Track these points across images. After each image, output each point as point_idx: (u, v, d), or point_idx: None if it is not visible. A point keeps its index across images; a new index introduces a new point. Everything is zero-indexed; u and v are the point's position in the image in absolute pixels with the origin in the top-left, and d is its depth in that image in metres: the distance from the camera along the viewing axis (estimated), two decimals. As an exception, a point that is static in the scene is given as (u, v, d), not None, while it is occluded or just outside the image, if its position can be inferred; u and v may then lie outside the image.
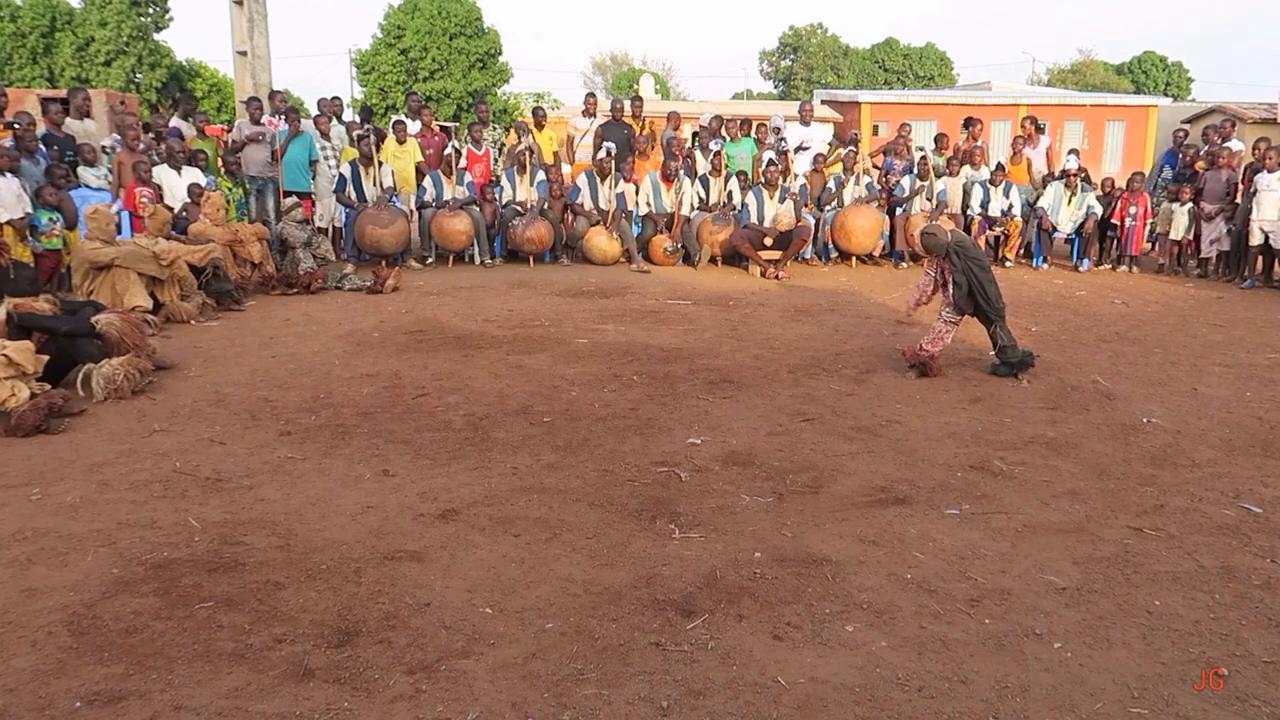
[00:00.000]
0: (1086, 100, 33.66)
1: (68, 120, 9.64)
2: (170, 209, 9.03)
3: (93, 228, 7.55)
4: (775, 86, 59.16)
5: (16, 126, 8.92)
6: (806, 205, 11.18)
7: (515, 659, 2.86)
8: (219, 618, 3.07)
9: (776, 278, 10.13)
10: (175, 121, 10.94)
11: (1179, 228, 10.89)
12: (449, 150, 11.18)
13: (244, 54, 12.83)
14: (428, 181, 10.86)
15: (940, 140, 12.50)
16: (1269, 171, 9.95)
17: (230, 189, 9.86)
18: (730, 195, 10.96)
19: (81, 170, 9.11)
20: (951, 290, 6.10)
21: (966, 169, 11.65)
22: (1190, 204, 10.83)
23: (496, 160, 12.39)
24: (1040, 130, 12.71)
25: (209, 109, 30.80)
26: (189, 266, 7.89)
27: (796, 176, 11.49)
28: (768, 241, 10.42)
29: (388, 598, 3.22)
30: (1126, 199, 11.07)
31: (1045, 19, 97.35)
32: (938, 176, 11.46)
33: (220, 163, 10.11)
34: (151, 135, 10.28)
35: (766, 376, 6.18)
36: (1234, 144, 11.40)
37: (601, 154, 11.16)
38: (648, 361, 6.51)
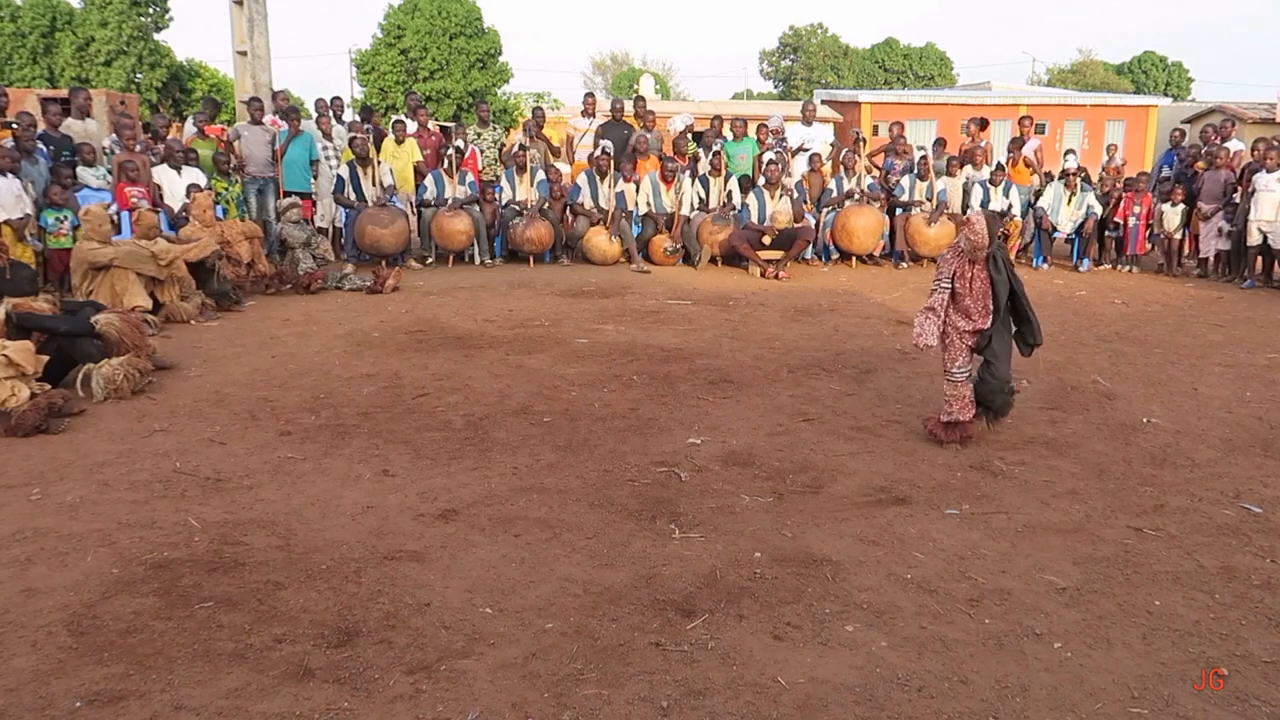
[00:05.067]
0: (1086, 100, 33.68)
1: (67, 120, 9.63)
2: (170, 209, 9.03)
3: (88, 228, 7.53)
4: (775, 86, 59.15)
5: (15, 127, 8.91)
6: (806, 205, 11.18)
7: (515, 659, 2.86)
8: (219, 618, 3.07)
9: (776, 278, 10.12)
10: (190, 125, 10.94)
11: (1172, 226, 10.92)
12: (450, 150, 11.17)
13: (244, 54, 12.81)
14: (429, 180, 10.86)
15: (939, 144, 12.50)
16: (1268, 171, 9.95)
17: (225, 188, 9.84)
18: (730, 195, 10.95)
19: (81, 170, 9.10)
20: (972, 304, 4.80)
21: (967, 169, 11.65)
22: (1182, 204, 10.85)
23: (494, 161, 12.33)
24: (1040, 131, 12.71)
25: (209, 109, 30.70)
26: (188, 264, 7.87)
27: (791, 177, 11.47)
28: (766, 240, 10.41)
29: (388, 598, 3.22)
30: (1130, 199, 11.07)
31: (1045, 19, 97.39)
32: (938, 176, 11.46)
33: (214, 161, 10.07)
34: (150, 135, 10.27)
35: (766, 376, 6.18)
36: (1234, 144, 11.39)
37: (597, 152, 11.15)
38: (648, 361, 6.51)
